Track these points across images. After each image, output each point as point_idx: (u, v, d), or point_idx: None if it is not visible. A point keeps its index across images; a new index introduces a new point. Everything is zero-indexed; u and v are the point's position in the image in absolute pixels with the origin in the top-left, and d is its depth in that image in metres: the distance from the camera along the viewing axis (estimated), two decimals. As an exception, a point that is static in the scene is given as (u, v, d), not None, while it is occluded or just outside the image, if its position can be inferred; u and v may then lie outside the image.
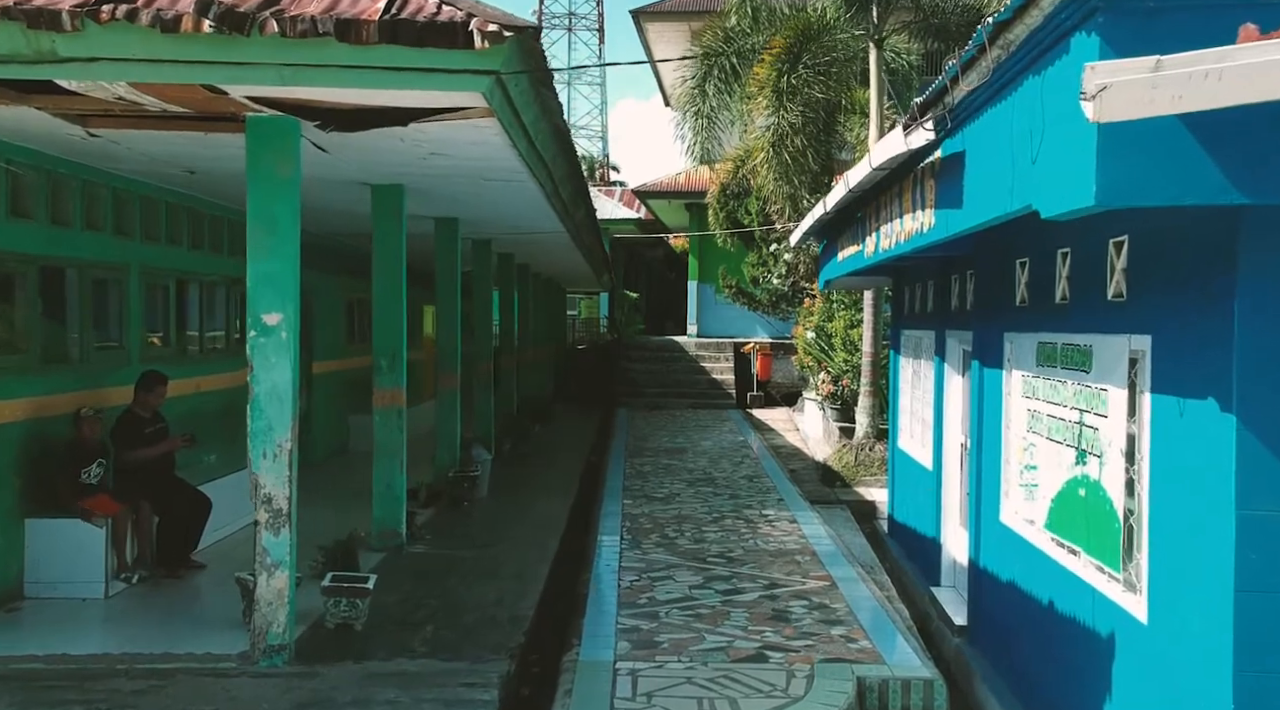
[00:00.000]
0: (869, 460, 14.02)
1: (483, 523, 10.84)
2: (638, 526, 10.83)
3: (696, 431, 19.60)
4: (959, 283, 8.55)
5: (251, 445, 6.12)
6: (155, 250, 9.26)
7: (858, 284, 13.02)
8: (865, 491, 13.62)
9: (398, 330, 9.13)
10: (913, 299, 10.71)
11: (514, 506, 11.67)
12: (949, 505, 9.04)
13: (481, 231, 13.20)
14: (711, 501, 12.30)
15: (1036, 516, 6.20)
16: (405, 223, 9.11)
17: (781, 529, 10.77)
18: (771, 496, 12.66)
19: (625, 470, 14.67)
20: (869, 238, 8.11)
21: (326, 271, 14.34)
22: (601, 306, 36.00)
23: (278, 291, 6.09)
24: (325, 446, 14.37)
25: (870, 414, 14.50)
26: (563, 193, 9.75)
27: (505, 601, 7.78)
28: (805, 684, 6.17)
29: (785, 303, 21.30)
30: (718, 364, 26.42)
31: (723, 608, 7.81)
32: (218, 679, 5.96)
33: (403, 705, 5.66)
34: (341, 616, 6.91)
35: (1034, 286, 6.35)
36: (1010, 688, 6.60)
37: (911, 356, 10.84)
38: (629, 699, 5.91)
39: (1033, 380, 6.29)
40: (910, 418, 10.90)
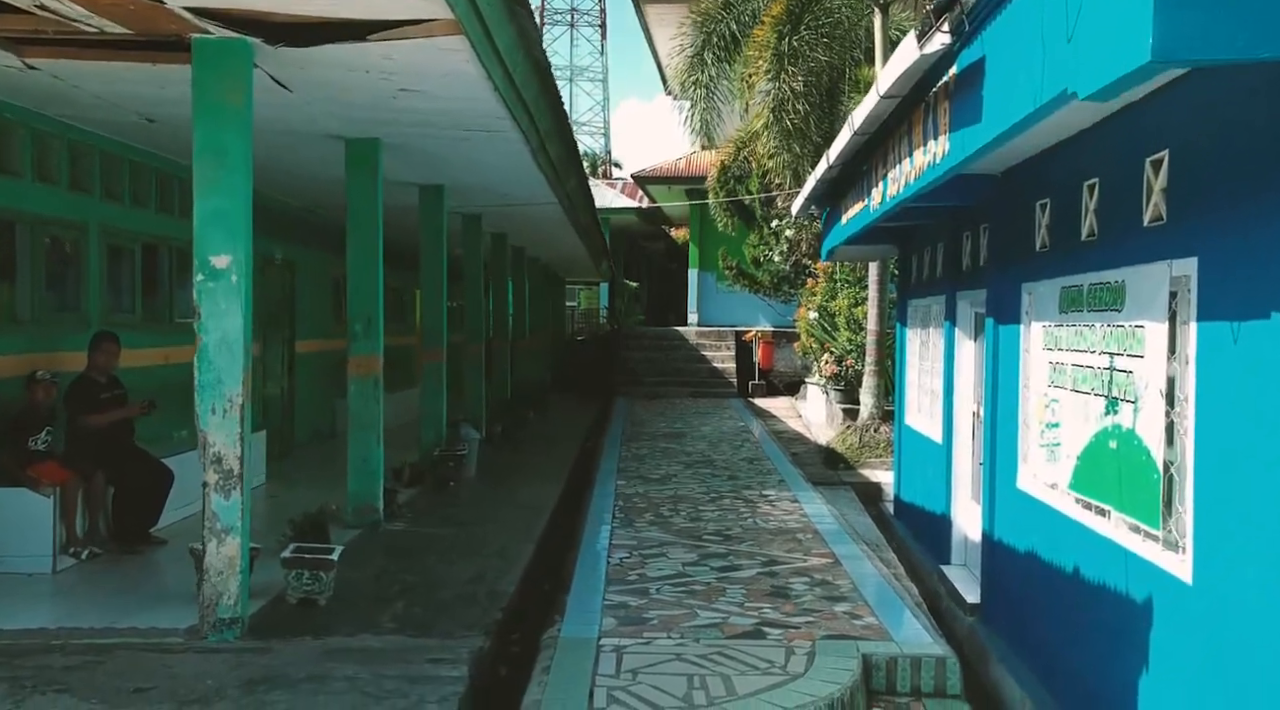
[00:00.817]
0: (874, 442, 13.47)
1: (468, 503, 10.31)
2: (631, 506, 10.29)
3: (696, 418, 19.07)
4: (971, 240, 8.02)
5: (199, 400, 5.60)
6: (118, 211, 8.74)
7: (862, 254, 12.46)
8: (870, 473, 13.06)
9: (373, 294, 8.60)
10: (920, 266, 10.17)
11: (502, 488, 11.14)
12: (959, 479, 8.50)
13: (470, 203, 12.67)
14: (709, 482, 11.76)
15: (1059, 478, 5.66)
16: (381, 180, 8.57)
17: (782, 509, 10.23)
18: (772, 478, 12.12)
19: (621, 453, 14.13)
20: (875, 189, 7.58)
21: (310, 247, 13.83)
22: (602, 298, 35.46)
23: (227, 231, 5.56)
24: (309, 429, 13.85)
25: (875, 394, 13.95)
26: (550, 150, 9.21)
27: (485, 578, 7.25)
28: (806, 661, 5.63)
29: (787, 284, 20.71)
30: (719, 353, 25.88)
31: (718, 584, 7.27)
32: (160, 654, 5.43)
33: (362, 682, 5.13)
34: (304, 591, 6.38)
35: (1056, 228, 5.82)
36: (1029, 666, 6.06)
37: (919, 327, 10.30)
38: (612, 676, 5.37)
39: (1055, 330, 5.75)
40: (918, 392, 10.36)
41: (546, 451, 14.22)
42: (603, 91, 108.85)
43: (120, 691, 4.93)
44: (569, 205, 13.09)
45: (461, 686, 5.13)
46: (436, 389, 11.55)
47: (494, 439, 14.57)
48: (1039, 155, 6.09)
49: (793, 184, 14.12)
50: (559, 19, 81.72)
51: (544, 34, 77.20)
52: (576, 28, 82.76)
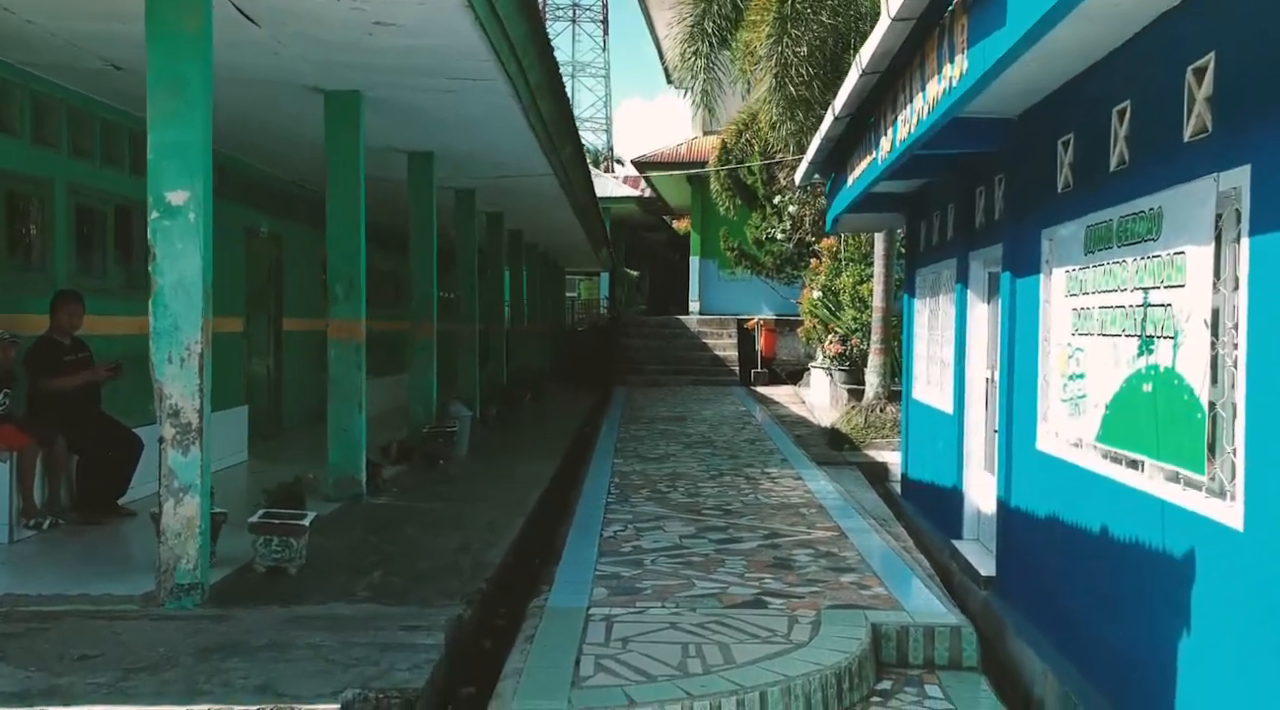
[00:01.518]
0: (880, 422, 13.04)
1: (457, 480, 9.90)
2: (628, 483, 9.87)
3: (697, 404, 18.64)
4: (984, 195, 7.59)
5: (155, 348, 5.18)
6: (87, 169, 8.32)
7: (867, 224, 12.01)
8: (876, 453, 12.63)
9: (355, 255, 8.18)
10: (929, 232, 9.74)
11: (494, 467, 10.73)
12: (972, 450, 8.07)
13: (462, 175, 12.25)
14: (709, 461, 11.33)
15: (1084, 433, 5.23)
16: (363, 136, 8.15)
17: (785, 485, 9.80)
18: (774, 457, 11.69)
19: (619, 435, 13.71)
20: (883, 139, 7.14)
21: (299, 222, 13.41)
22: (602, 288, 35.04)
23: (184, 165, 5.14)
24: (298, 412, 13.42)
25: (881, 373, 13.50)
26: (542, 108, 8.79)
27: (471, 549, 6.84)
28: (810, 630, 5.21)
29: (790, 266, 20.25)
30: (720, 340, 25.45)
31: (717, 556, 6.85)
32: (110, 621, 5.02)
33: (327, 649, 4.70)
34: (273, 559, 5.97)
35: (1081, 163, 5.39)
36: (1049, 637, 5.63)
37: (928, 296, 9.86)
38: (601, 644, 4.95)
39: (1080, 273, 5.32)
40: (927, 364, 9.93)
41: (542, 434, 13.81)
42: (605, 87, 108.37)
43: (63, 659, 4.51)
44: (565, 178, 12.67)
45: (437, 655, 4.71)
46: (426, 365, 11.14)
47: (488, 421, 14.16)
48: (1060, 90, 5.67)
49: (796, 154, 13.66)
50: (561, 14, 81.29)
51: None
52: (579, 23, 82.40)
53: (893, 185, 9.45)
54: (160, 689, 4.19)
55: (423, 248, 11.18)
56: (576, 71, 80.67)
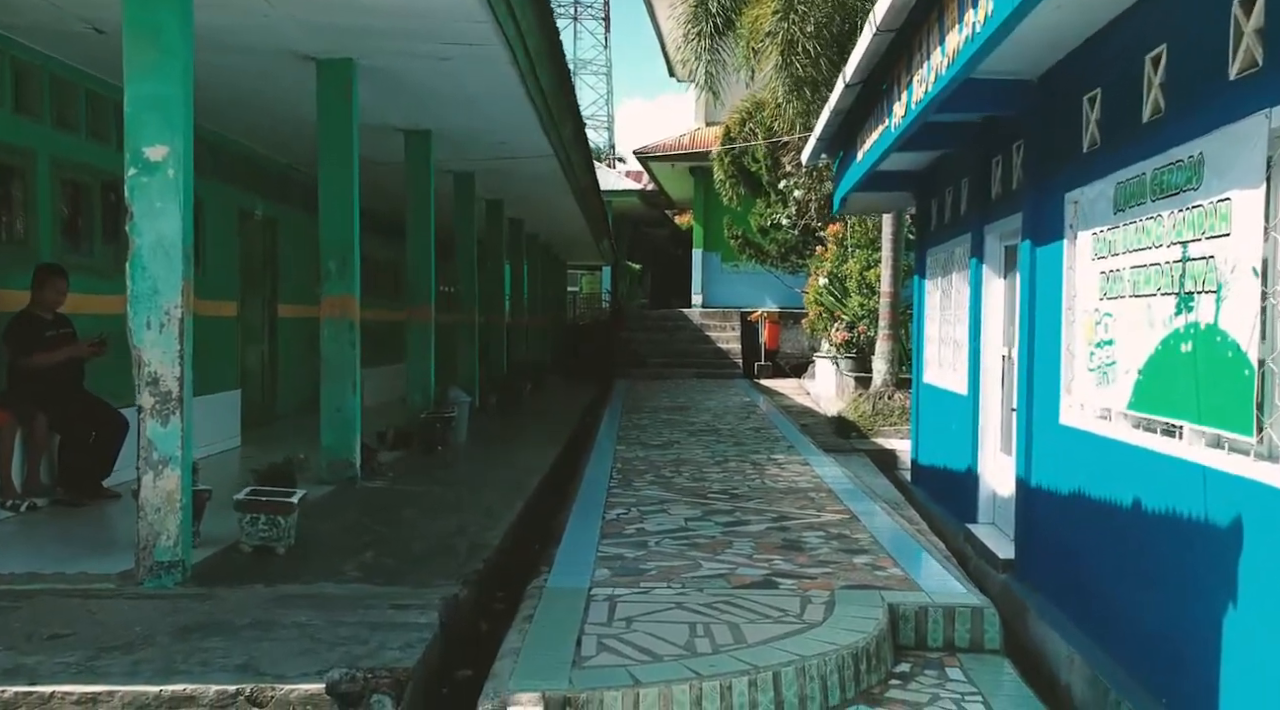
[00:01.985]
0: (888, 409, 12.75)
1: (454, 465, 9.63)
2: (631, 468, 9.60)
3: (700, 395, 18.36)
4: (1001, 164, 7.31)
5: (132, 313, 4.91)
6: (73, 142, 8.04)
7: (876, 203, 11.72)
8: (884, 441, 12.35)
9: (348, 229, 7.90)
10: (940, 209, 9.46)
11: (494, 453, 10.46)
12: (987, 431, 7.79)
13: (460, 156, 11.96)
14: (714, 448, 11.06)
15: (1114, 402, 4.95)
16: (356, 107, 7.88)
17: (793, 471, 9.52)
18: (781, 444, 11.42)
19: (621, 423, 13.44)
20: (897, 103, 6.87)
21: (294, 206, 13.14)
22: (604, 282, 34.75)
23: (164, 119, 4.87)
24: (293, 399, 13.14)
25: (889, 360, 13.21)
26: (541, 79, 8.52)
27: (468, 531, 6.57)
28: (824, 610, 4.94)
29: (795, 255, 19.95)
30: (724, 334, 25.18)
31: (724, 538, 6.58)
32: (86, 600, 4.75)
33: (314, 628, 4.43)
34: (260, 538, 5.70)
35: (1109, 119, 5.12)
36: (1075, 620, 5.36)
37: (940, 276, 9.59)
38: (604, 624, 4.68)
39: (1108, 234, 5.04)
40: (939, 346, 9.65)
41: (542, 422, 13.54)
42: (607, 85, 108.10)
43: (33, 638, 4.25)
44: (565, 159, 12.39)
45: (430, 634, 4.44)
46: (424, 349, 10.86)
47: (488, 409, 13.90)
48: (1084, 45, 5.41)
49: (803, 133, 13.37)
50: (562, 12, 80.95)
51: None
52: (580, 20, 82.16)
53: (903, 161, 9.19)
54: (133, 668, 3.92)
55: (421, 230, 10.91)
56: (578, 69, 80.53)
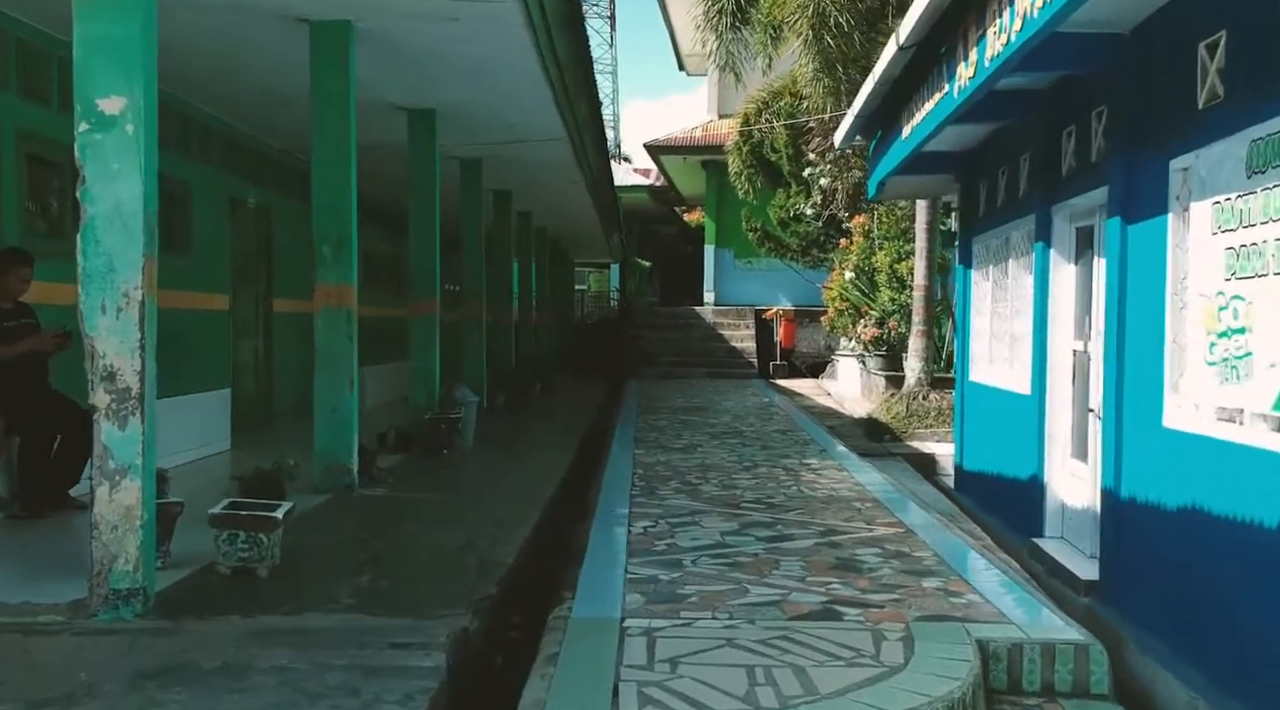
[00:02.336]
0: (923, 410, 11.97)
1: (461, 470, 8.89)
2: (653, 474, 8.83)
3: (716, 395, 17.59)
4: (1075, 135, 6.53)
5: (84, 294, 4.15)
6: (42, 115, 7.28)
7: (915, 188, 10.91)
8: (920, 444, 11.57)
9: (344, 209, 7.14)
10: (992, 191, 8.67)
11: (503, 457, 9.70)
12: (1055, 434, 7.01)
13: (467, 140, 11.21)
14: (740, 451, 10.28)
15: (1247, 401, 4.18)
16: (354, 71, 7.12)
17: (830, 477, 8.75)
18: (811, 448, 10.63)
19: (638, 424, 12.67)
20: (960, 65, 6.09)
21: (291, 195, 12.39)
22: (612, 280, 33.98)
23: (120, 65, 4.11)
24: (290, 398, 12.38)
25: (923, 358, 12.42)
26: (558, 46, 7.76)
27: (477, 546, 5.80)
28: (903, 649, 4.16)
29: (817, 248, 19.15)
30: (737, 332, 24.41)
31: (768, 556, 5.80)
32: (24, 637, 3.99)
33: (296, 674, 3.67)
34: (239, 558, 4.93)
35: (1239, 67, 4.34)
36: (1189, 657, 4.58)
37: (991, 264, 8.81)
38: (643, 667, 3.91)
39: (1239, 202, 4.26)
40: (990, 341, 8.87)
41: (554, 423, 12.77)
42: (612, 83, 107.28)
43: (-49, 688, 3.49)
44: (579, 143, 11.63)
45: (436, 681, 3.69)
46: (428, 344, 10.11)
47: (496, 410, 13.14)
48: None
49: (834, 113, 12.59)
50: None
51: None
52: (585, 19, 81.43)
53: (950, 139, 8.40)
54: (67, 730, 3.16)
55: (424, 218, 10.17)
56: (583, 67, 79.94)
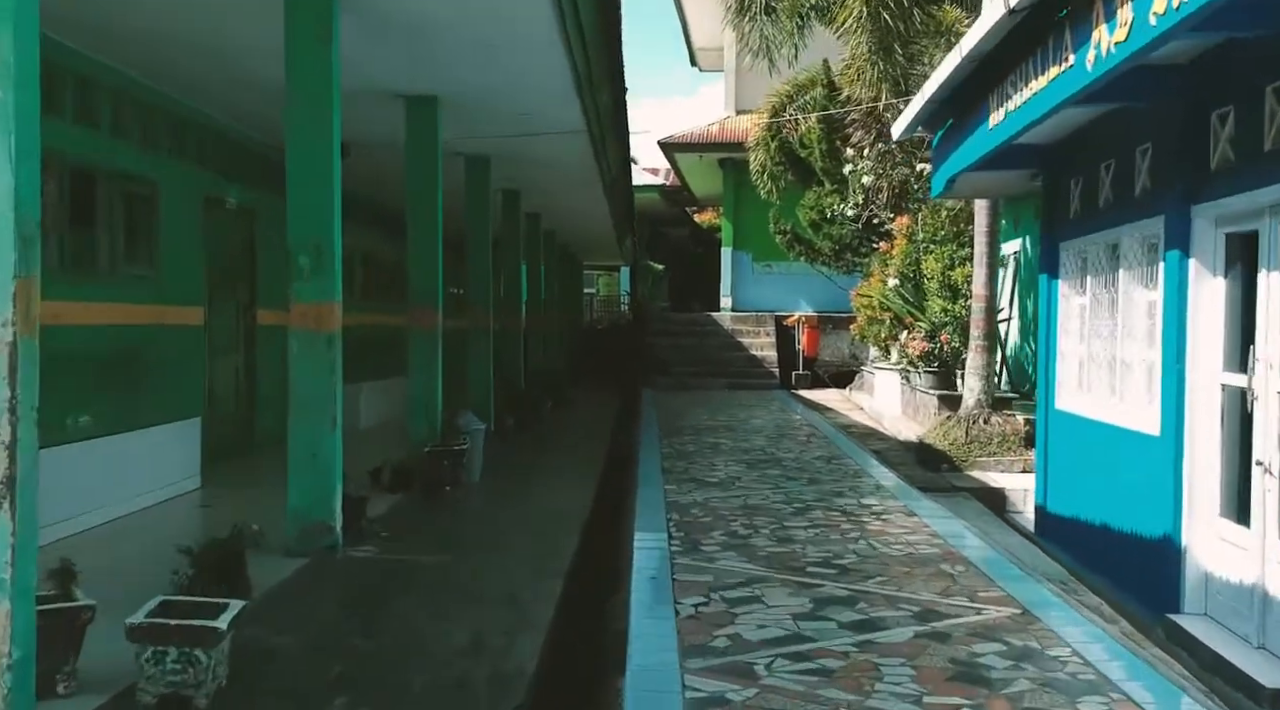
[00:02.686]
0: (984, 436, 10.68)
1: (468, 516, 7.63)
2: (691, 520, 7.54)
3: (740, 410, 16.30)
4: (1231, 119, 5.24)
5: (-76, 333, 2.87)
6: None
7: (989, 186, 9.52)
8: (984, 475, 10.26)
9: (326, 212, 5.92)
10: (1092, 188, 7.38)
11: (515, 495, 8.44)
12: (1196, 488, 5.72)
13: (473, 132, 9.94)
14: (785, 487, 8.98)
15: None
16: (336, 46, 5.86)
17: (899, 524, 7.46)
18: (865, 482, 9.33)
19: (662, 450, 11.38)
20: (1101, 29, 4.80)
21: (279, 193, 11.12)
22: (622, 283, 32.71)
23: (-23, 0, 2.83)
24: (276, 423, 11.07)
25: (983, 376, 11.12)
26: (582, 11, 6.48)
27: (486, 646, 4.52)
28: None
29: (852, 252, 17.82)
30: (757, 340, 23.10)
31: (863, 657, 4.51)
32: None
33: None
34: (167, 684, 3.66)
35: None
36: None
37: (1088, 275, 7.52)
38: None
39: None
40: (1084, 365, 7.58)
41: (569, 448, 11.49)
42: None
43: None
44: (599, 137, 10.35)
45: None
46: (429, 364, 8.83)
47: (505, 433, 11.86)
48: None
49: (890, 94, 11.31)
50: (573, 8, 79.43)
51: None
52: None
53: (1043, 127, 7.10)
54: None
55: (424, 217, 8.91)
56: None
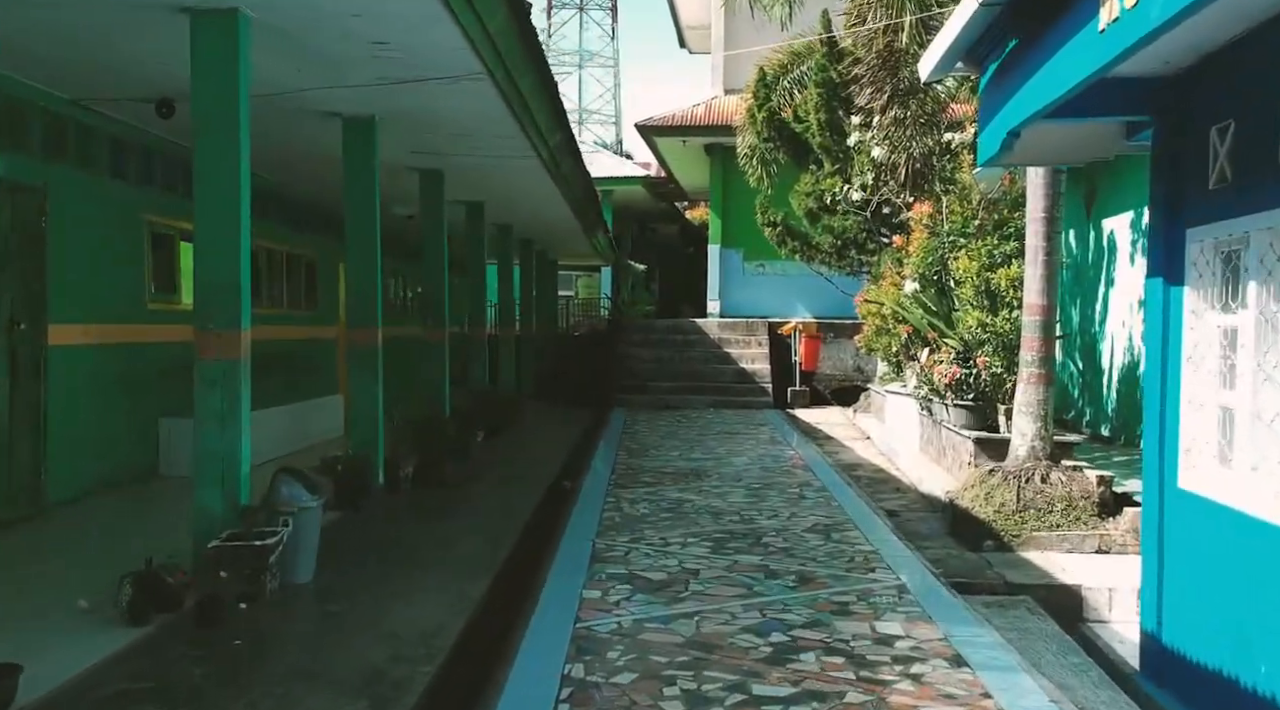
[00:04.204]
0: (1044, 499, 7.71)
1: (242, 665, 4.69)
2: (597, 683, 4.63)
3: (722, 441, 13.40)
4: None
5: None
6: None
7: (1064, 145, 6.52)
8: (1047, 559, 7.32)
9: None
10: (1265, 138, 4.47)
11: (346, 613, 5.56)
12: None
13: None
14: (761, 593, 6.07)
15: None
16: None
17: (933, 672, 4.58)
18: (881, 582, 6.39)
19: (604, 514, 8.47)
20: None
21: (83, 164, 8.28)
22: (604, 285, 29.81)
23: None
24: (79, 473, 8.27)
25: (1039, 415, 8.10)
26: None
27: None
28: None
29: (856, 249, 14.84)
30: (747, 350, 20.20)
31: None
32: None
33: None
34: None
35: None
36: None
37: (1252, 280, 4.61)
38: None
39: None
40: (1245, 424, 4.67)
41: (476, 513, 8.55)
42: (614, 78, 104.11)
43: None
44: (501, 74, 7.49)
45: None
46: (367, 382, 5.92)
47: (399, 487, 8.95)
48: None
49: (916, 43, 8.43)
50: (568, 2, 76.97)
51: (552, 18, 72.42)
52: (586, 11, 77.93)
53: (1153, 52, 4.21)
54: None
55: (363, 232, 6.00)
56: (584, 61, 76.18)
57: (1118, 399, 11.43)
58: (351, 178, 8.65)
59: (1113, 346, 11.62)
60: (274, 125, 8.65)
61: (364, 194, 8.66)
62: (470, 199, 13.63)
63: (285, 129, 8.78)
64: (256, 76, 6.20)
